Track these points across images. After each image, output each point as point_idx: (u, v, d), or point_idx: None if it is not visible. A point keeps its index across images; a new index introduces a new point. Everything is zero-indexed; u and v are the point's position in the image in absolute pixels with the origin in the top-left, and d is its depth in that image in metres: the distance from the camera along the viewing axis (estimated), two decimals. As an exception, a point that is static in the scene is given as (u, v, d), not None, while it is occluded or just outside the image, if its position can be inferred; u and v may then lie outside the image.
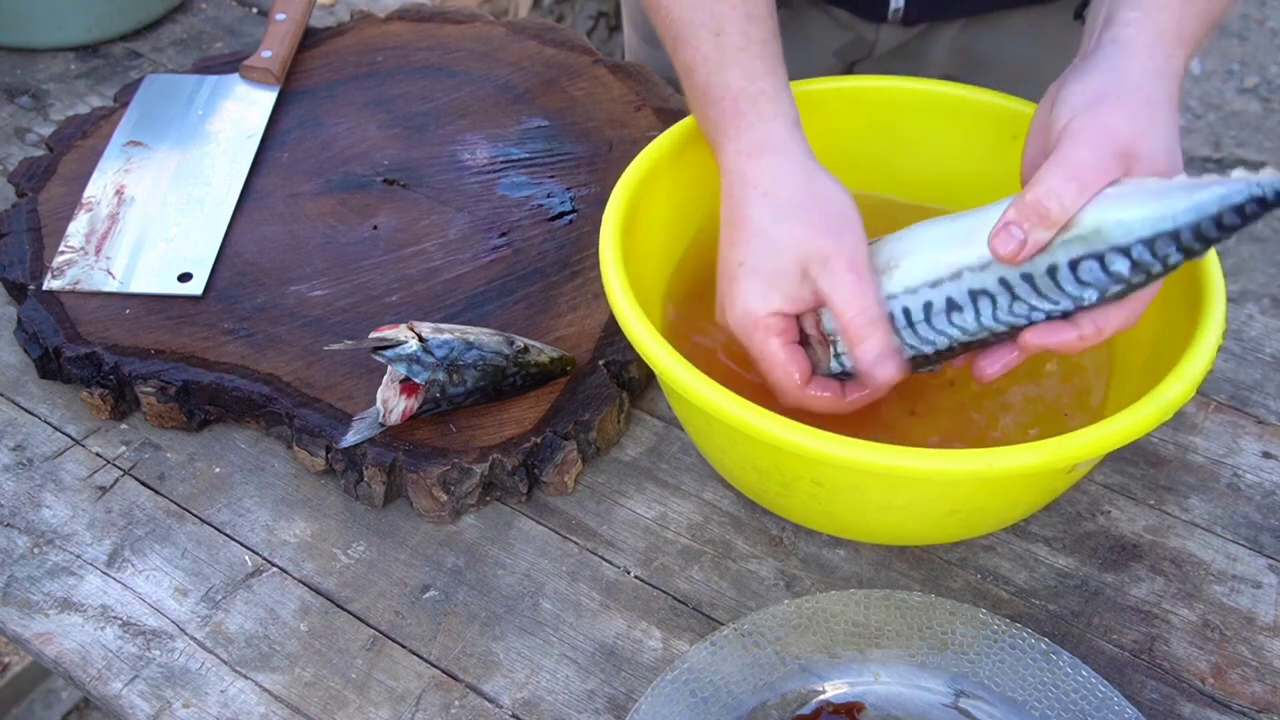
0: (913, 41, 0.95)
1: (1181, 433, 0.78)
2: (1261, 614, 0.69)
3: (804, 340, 0.67)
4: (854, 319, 0.63)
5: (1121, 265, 0.59)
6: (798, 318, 0.67)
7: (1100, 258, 0.59)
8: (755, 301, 0.65)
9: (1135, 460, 0.77)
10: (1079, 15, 0.91)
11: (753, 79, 0.68)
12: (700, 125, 0.72)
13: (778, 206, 0.66)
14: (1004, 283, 0.62)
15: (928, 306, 0.63)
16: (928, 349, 0.65)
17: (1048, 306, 0.61)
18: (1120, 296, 0.60)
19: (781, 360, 0.65)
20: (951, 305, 0.63)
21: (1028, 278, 0.61)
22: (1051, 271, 0.60)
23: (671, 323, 0.76)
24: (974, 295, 0.62)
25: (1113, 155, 0.59)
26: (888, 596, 0.66)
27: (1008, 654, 0.64)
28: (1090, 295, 0.60)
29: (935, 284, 0.63)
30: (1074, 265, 0.60)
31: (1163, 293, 0.69)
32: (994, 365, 0.64)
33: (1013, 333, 0.63)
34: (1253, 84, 2.65)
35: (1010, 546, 0.73)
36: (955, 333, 0.64)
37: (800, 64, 0.90)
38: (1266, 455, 0.77)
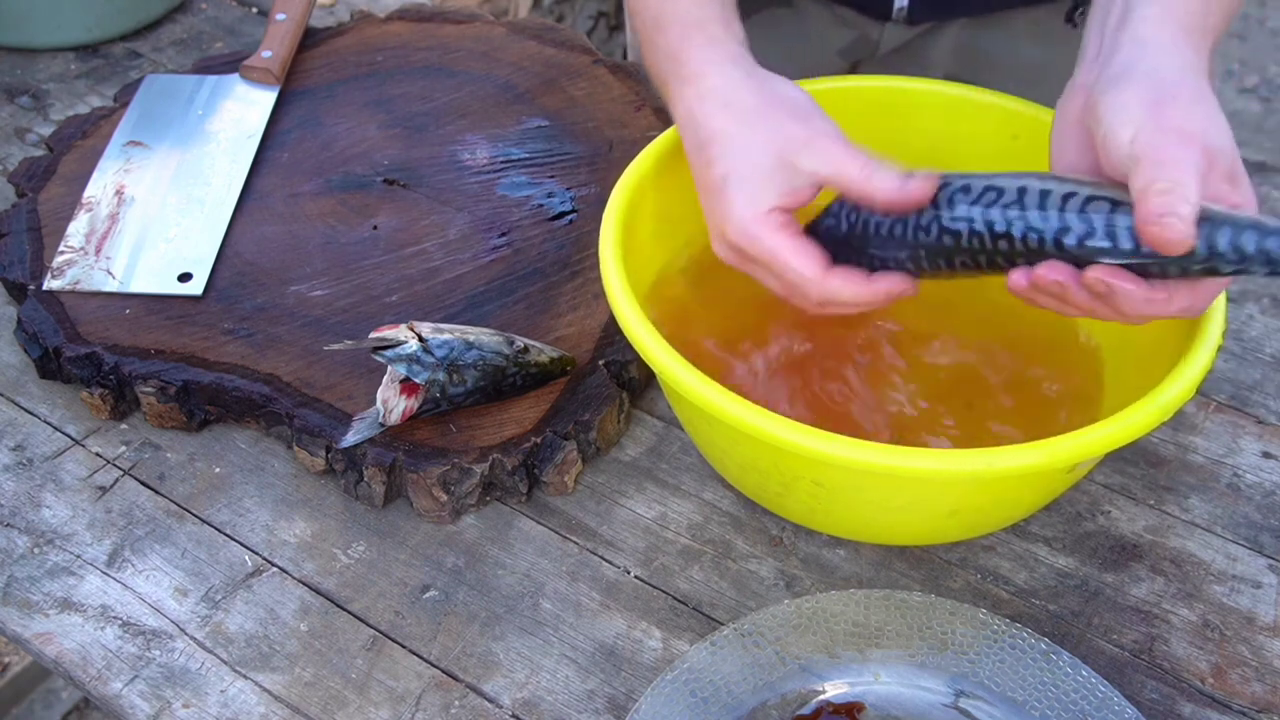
0: (916, 40, 0.95)
1: (1181, 433, 0.78)
2: (1261, 614, 0.69)
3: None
4: (858, 171, 0.61)
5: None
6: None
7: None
8: (748, 206, 0.63)
9: (1135, 460, 0.77)
10: (1070, 19, 0.91)
11: (701, 6, 0.68)
12: (649, 65, 0.72)
13: (743, 111, 0.65)
14: (1057, 194, 0.58)
15: (967, 188, 0.60)
16: (959, 226, 0.60)
17: (1096, 237, 0.57)
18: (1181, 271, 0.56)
19: (794, 249, 0.62)
20: (994, 190, 0.59)
21: (1087, 199, 0.57)
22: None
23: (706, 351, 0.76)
24: (1021, 190, 0.59)
25: (1199, 151, 0.55)
26: (888, 596, 0.66)
27: (1008, 654, 0.64)
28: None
29: (984, 176, 0.60)
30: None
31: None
32: (1053, 272, 0.58)
33: (1050, 252, 0.58)
34: (1253, 84, 2.65)
35: (1010, 546, 0.73)
36: (994, 216, 0.59)
37: (804, 62, 0.91)
38: (1266, 455, 0.77)
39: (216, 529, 0.74)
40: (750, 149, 0.64)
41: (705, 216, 0.67)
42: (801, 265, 0.62)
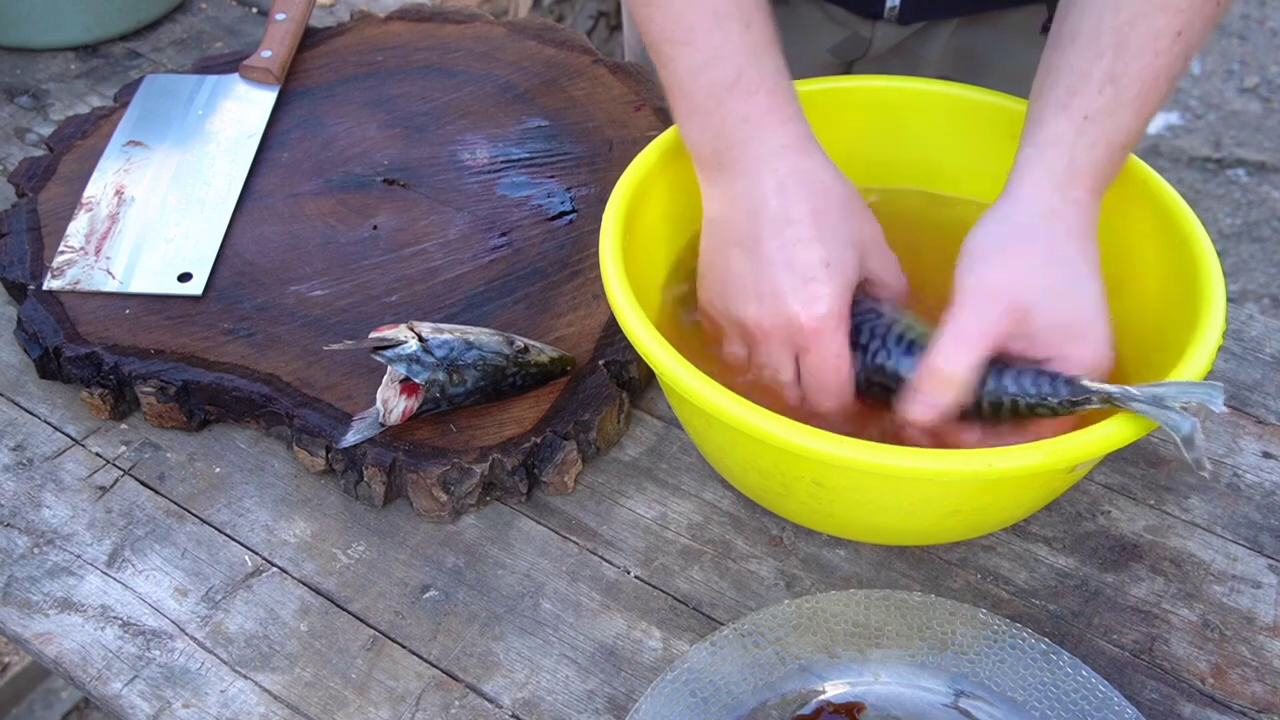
0: (909, 40, 0.95)
1: (1181, 433, 0.78)
2: (1261, 614, 0.69)
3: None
4: (903, 287, 0.68)
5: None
6: None
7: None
8: (841, 301, 0.64)
9: (1135, 460, 0.77)
10: (1045, 29, 0.91)
11: (783, 73, 0.67)
12: (704, 126, 0.68)
13: (839, 201, 0.66)
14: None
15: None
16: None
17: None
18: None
19: (847, 357, 0.65)
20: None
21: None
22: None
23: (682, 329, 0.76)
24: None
25: (1001, 312, 0.61)
26: (888, 596, 0.66)
27: (1008, 654, 0.64)
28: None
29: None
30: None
31: (1163, 292, 0.69)
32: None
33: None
34: (1253, 84, 2.65)
35: (1010, 546, 0.73)
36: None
37: (796, 61, 0.90)
38: (1266, 455, 0.77)
39: (216, 529, 0.74)
40: (845, 241, 0.65)
41: (756, 288, 0.65)
42: (848, 382, 0.65)
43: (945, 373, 0.62)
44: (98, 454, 0.78)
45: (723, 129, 0.67)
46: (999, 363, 0.62)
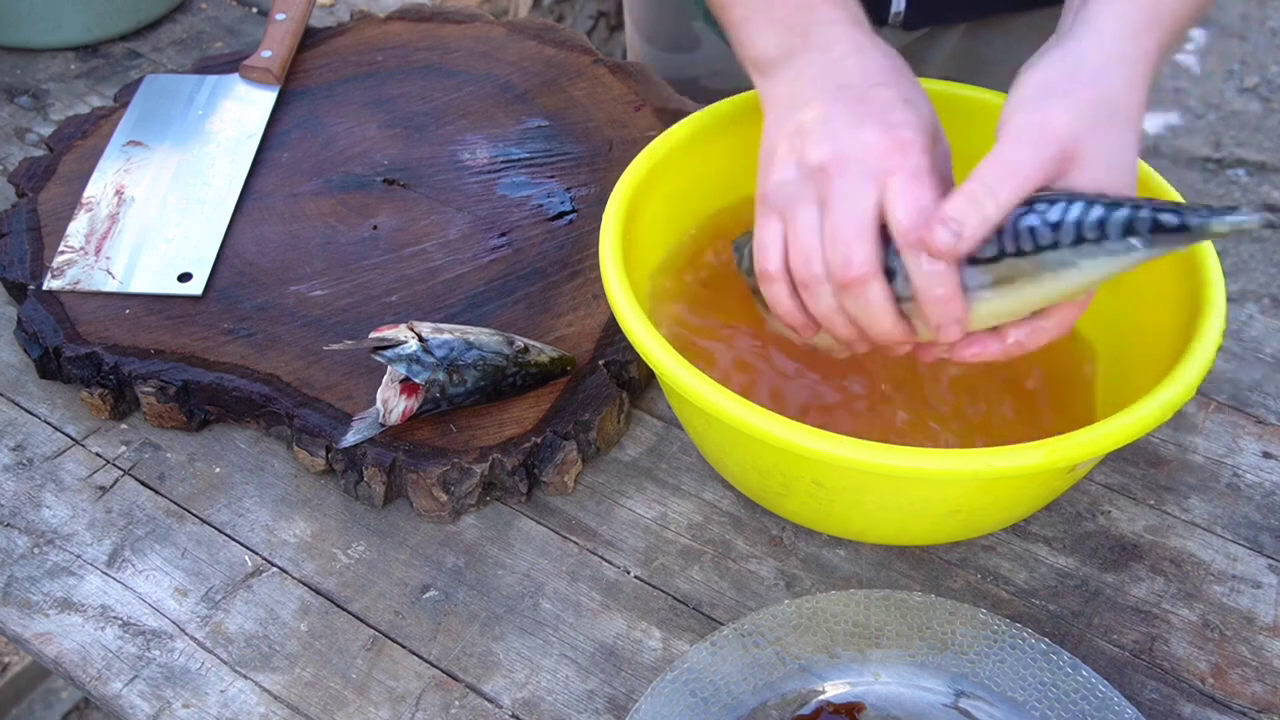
0: (914, 45, 0.95)
1: (1181, 433, 0.78)
2: (1261, 614, 0.69)
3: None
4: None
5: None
6: None
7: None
8: (920, 131, 0.60)
9: (1135, 460, 0.77)
10: None
11: None
12: (770, 24, 0.66)
13: (908, 72, 0.64)
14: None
15: None
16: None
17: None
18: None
19: (929, 193, 0.59)
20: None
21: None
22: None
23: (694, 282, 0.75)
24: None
25: (1051, 156, 0.57)
26: (888, 596, 0.66)
27: (1008, 654, 0.64)
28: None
29: None
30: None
31: (1163, 292, 0.69)
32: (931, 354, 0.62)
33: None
34: (1253, 84, 2.65)
35: (1010, 546, 0.73)
36: None
37: None
38: (1266, 455, 0.77)
39: (216, 529, 0.74)
40: (924, 99, 0.62)
41: (829, 118, 0.61)
42: (929, 207, 0.58)
43: (982, 200, 0.56)
44: (98, 454, 0.78)
45: (793, 20, 0.65)
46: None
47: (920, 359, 0.64)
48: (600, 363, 0.78)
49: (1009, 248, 0.57)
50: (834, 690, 0.64)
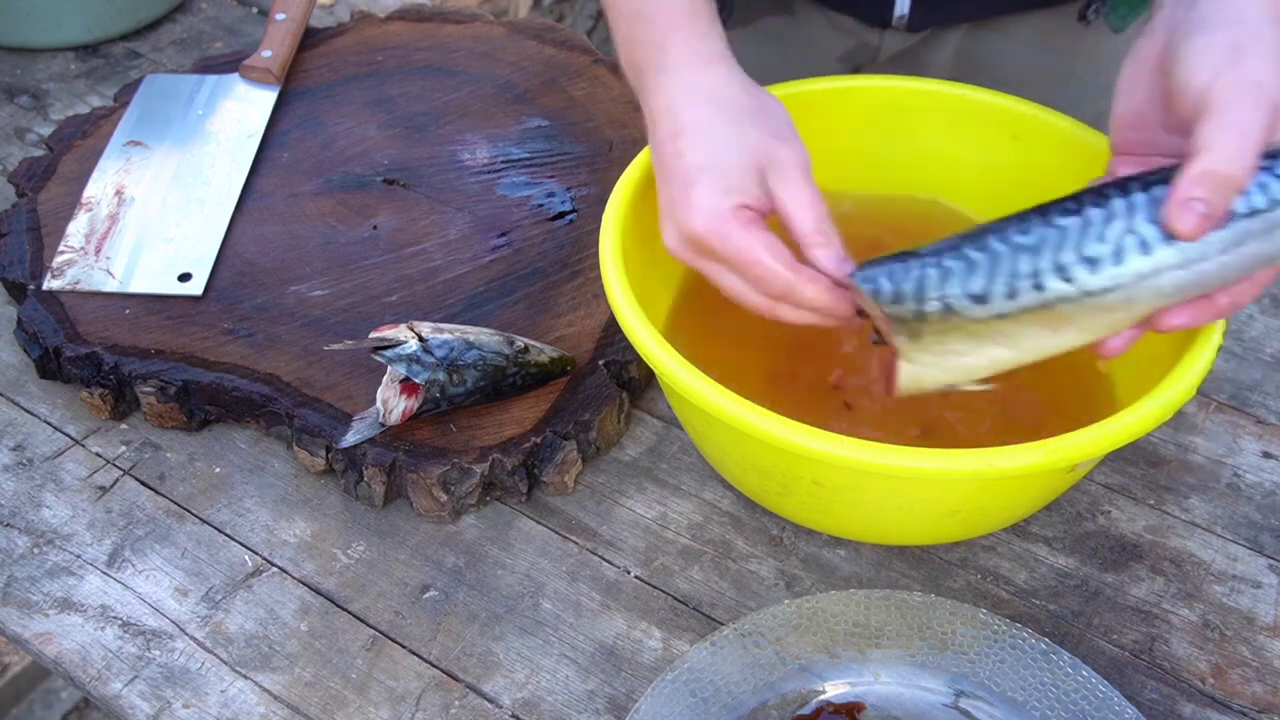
0: (917, 47, 0.95)
1: (1181, 433, 0.78)
2: (1262, 614, 0.69)
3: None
4: (813, 225, 0.61)
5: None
6: None
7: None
8: (721, 199, 0.61)
9: (1135, 460, 0.77)
10: (1083, 17, 0.90)
11: (687, 1, 0.67)
12: (625, 56, 0.69)
13: (728, 109, 0.64)
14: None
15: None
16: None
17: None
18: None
19: (764, 244, 0.61)
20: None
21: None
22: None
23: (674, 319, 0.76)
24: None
25: (1270, 111, 0.55)
26: (888, 596, 0.66)
27: (1008, 654, 0.64)
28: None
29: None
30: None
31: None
32: (1118, 341, 0.59)
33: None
34: (1253, 84, 2.64)
35: (1010, 546, 0.73)
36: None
37: (803, 69, 0.90)
38: (1266, 455, 0.77)
39: (216, 529, 0.74)
40: (729, 144, 0.63)
41: (662, 209, 0.65)
42: (770, 259, 0.60)
43: (1225, 174, 0.53)
44: (98, 454, 0.78)
45: (630, 58, 0.69)
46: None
47: (1108, 350, 0.61)
48: (600, 363, 0.78)
49: (1241, 208, 0.55)
50: (834, 690, 0.64)
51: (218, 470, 0.77)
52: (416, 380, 0.71)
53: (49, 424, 0.79)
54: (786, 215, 0.62)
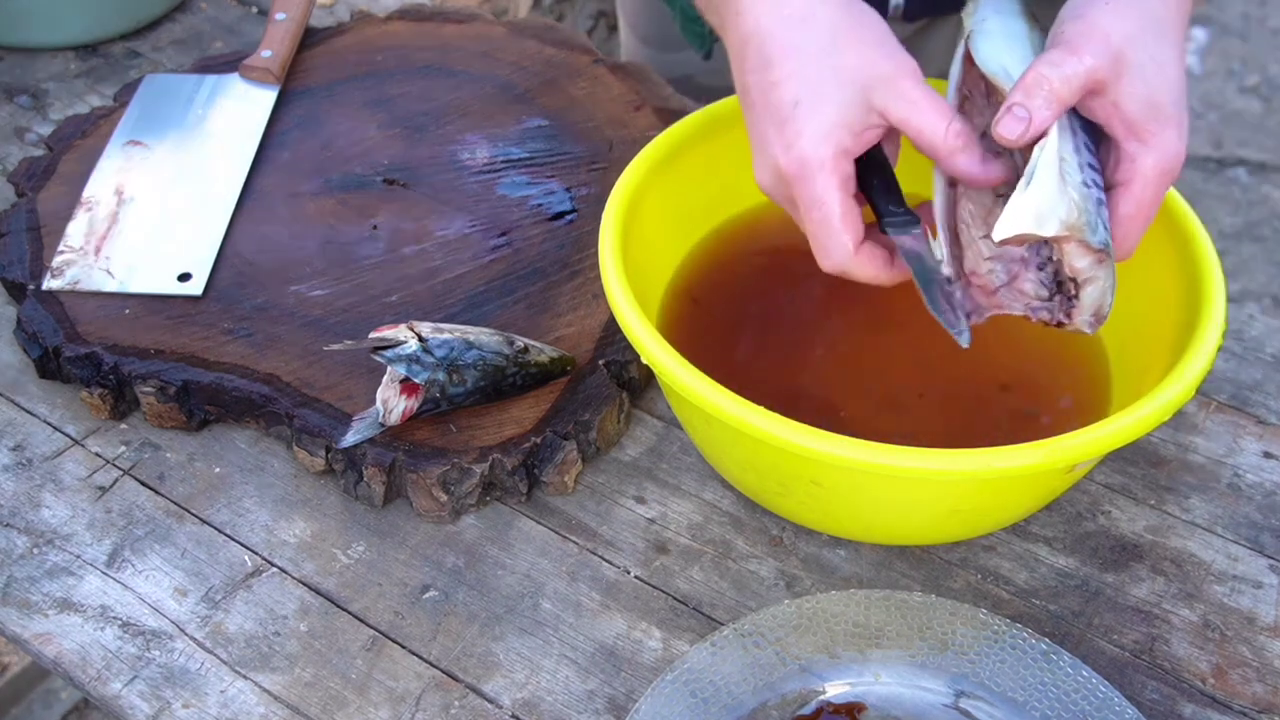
0: (913, 37, 0.95)
1: (1182, 433, 0.78)
2: (1262, 614, 0.69)
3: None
4: (943, 131, 0.58)
5: None
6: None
7: None
8: (818, 143, 0.58)
9: (1135, 460, 0.77)
10: None
11: None
12: None
13: (820, 30, 0.60)
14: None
15: None
16: None
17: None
18: None
19: (844, 213, 0.59)
20: None
21: None
22: None
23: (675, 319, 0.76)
24: None
25: (1108, 57, 0.57)
26: (888, 597, 0.66)
27: (1008, 654, 0.64)
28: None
29: None
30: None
31: (1163, 292, 0.69)
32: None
33: None
34: (1254, 83, 2.64)
35: (1010, 546, 0.73)
36: None
37: None
38: (1267, 455, 0.77)
39: (216, 529, 0.74)
40: (830, 75, 0.59)
41: (754, 139, 0.62)
42: (842, 232, 0.59)
43: (1048, 84, 0.57)
44: (97, 454, 0.78)
45: None
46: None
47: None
48: (600, 363, 0.78)
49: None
50: (834, 690, 0.64)
51: (217, 470, 0.77)
52: (416, 380, 0.71)
53: (49, 424, 0.79)
54: (910, 131, 0.59)
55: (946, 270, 0.61)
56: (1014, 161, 0.62)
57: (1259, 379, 0.82)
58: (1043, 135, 0.58)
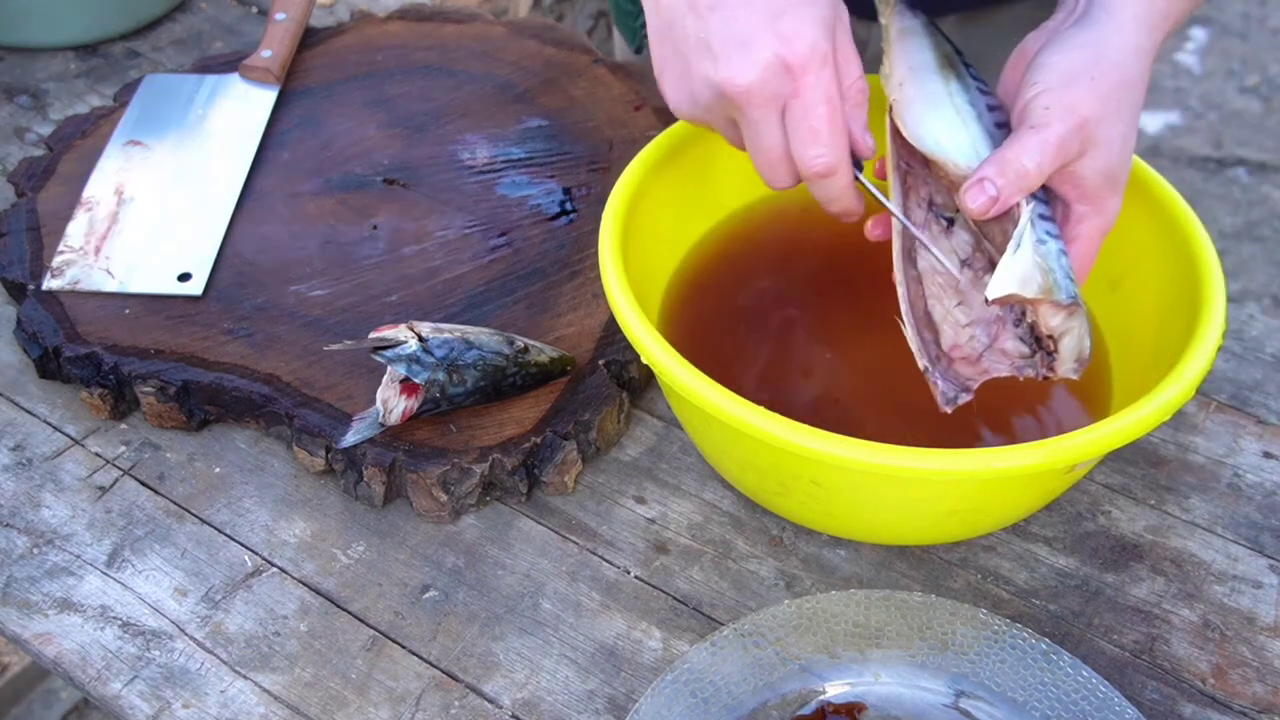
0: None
1: (1182, 433, 0.78)
2: (1262, 614, 0.69)
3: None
4: (854, 84, 0.61)
5: None
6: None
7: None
8: (824, 36, 0.58)
9: (1135, 460, 0.77)
10: None
11: None
12: None
13: None
14: None
15: None
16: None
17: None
18: None
19: (838, 105, 0.59)
20: None
21: None
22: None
23: (676, 317, 0.76)
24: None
25: (1080, 140, 0.60)
26: (888, 597, 0.66)
27: (1008, 654, 0.64)
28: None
29: None
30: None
31: (1163, 292, 0.69)
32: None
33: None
34: (1254, 83, 2.65)
35: (1010, 546, 0.73)
36: None
37: None
38: (1267, 455, 0.77)
39: (216, 529, 0.74)
40: None
41: (691, 52, 0.59)
42: (843, 130, 0.60)
43: (1022, 168, 0.59)
44: (97, 454, 0.78)
45: None
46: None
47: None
48: (600, 363, 0.78)
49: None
50: (834, 690, 0.64)
51: (217, 470, 0.77)
52: (416, 380, 0.71)
53: (48, 424, 0.79)
54: (839, 67, 0.60)
55: (923, 362, 0.63)
56: (940, 223, 0.67)
57: (1259, 379, 0.82)
58: (1005, 213, 0.61)
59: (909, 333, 0.64)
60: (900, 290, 0.65)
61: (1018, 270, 0.60)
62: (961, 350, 0.64)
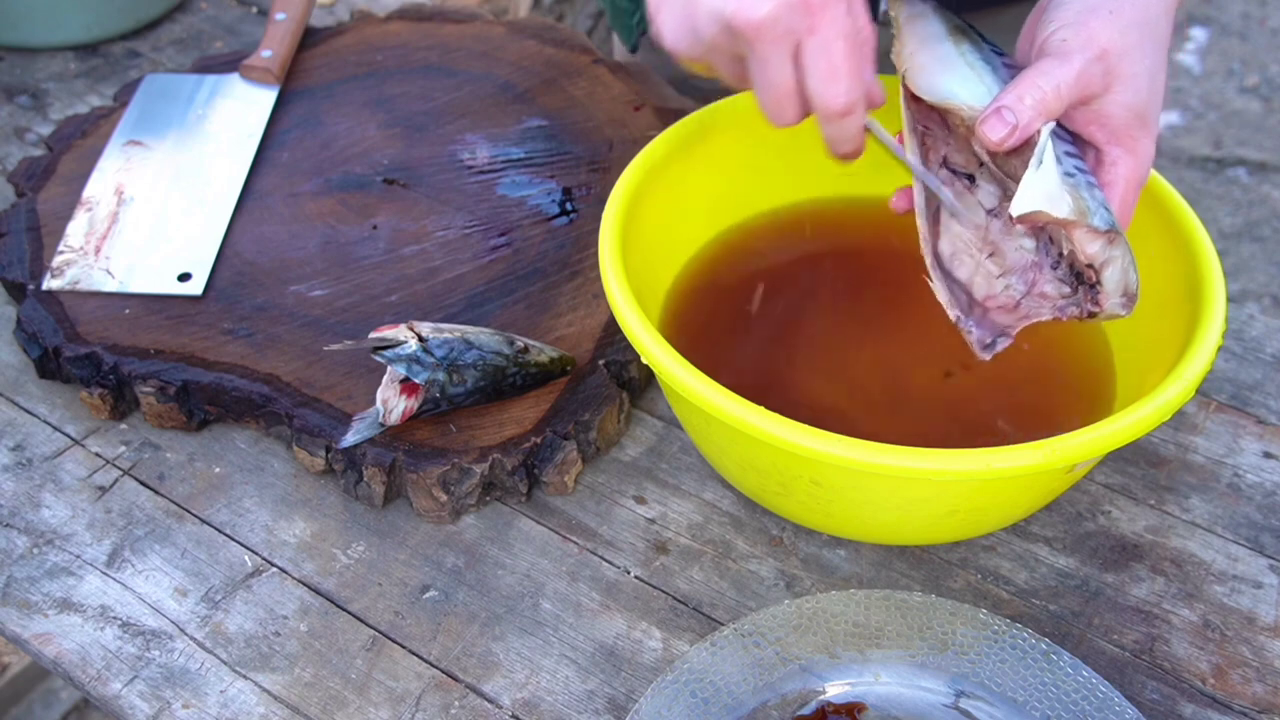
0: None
1: (1182, 433, 0.78)
2: (1262, 614, 0.69)
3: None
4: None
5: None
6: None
7: None
8: None
9: (1135, 460, 0.77)
10: None
11: None
12: None
13: None
14: None
15: None
16: None
17: None
18: None
19: (867, 39, 0.58)
20: None
21: None
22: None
23: (674, 321, 0.76)
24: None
25: (1100, 70, 0.58)
26: (888, 597, 0.66)
27: (1008, 654, 0.64)
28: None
29: None
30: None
31: (1163, 293, 0.69)
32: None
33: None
34: (1253, 83, 2.64)
35: (1010, 546, 0.73)
36: None
37: None
38: (1267, 455, 0.77)
39: (216, 529, 0.74)
40: None
41: None
42: (861, 65, 0.59)
43: (1040, 91, 0.58)
44: (97, 454, 0.78)
45: None
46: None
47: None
48: (600, 363, 0.78)
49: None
50: (834, 690, 0.64)
51: (217, 470, 0.77)
52: (416, 380, 0.71)
53: (48, 424, 0.79)
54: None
55: (954, 312, 0.62)
56: (967, 185, 0.64)
57: (1259, 379, 0.82)
58: (1026, 142, 0.59)
59: (937, 286, 0.61)
60: (924, 247, 0.63)
61: (1041, 186, 0.57)
62: (997, 300, 0.62)
